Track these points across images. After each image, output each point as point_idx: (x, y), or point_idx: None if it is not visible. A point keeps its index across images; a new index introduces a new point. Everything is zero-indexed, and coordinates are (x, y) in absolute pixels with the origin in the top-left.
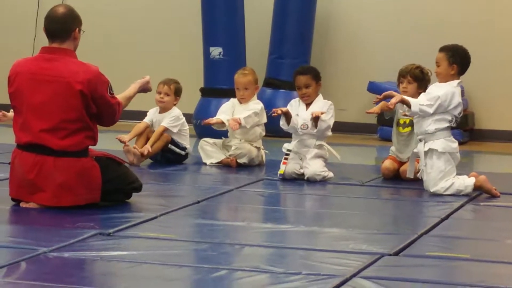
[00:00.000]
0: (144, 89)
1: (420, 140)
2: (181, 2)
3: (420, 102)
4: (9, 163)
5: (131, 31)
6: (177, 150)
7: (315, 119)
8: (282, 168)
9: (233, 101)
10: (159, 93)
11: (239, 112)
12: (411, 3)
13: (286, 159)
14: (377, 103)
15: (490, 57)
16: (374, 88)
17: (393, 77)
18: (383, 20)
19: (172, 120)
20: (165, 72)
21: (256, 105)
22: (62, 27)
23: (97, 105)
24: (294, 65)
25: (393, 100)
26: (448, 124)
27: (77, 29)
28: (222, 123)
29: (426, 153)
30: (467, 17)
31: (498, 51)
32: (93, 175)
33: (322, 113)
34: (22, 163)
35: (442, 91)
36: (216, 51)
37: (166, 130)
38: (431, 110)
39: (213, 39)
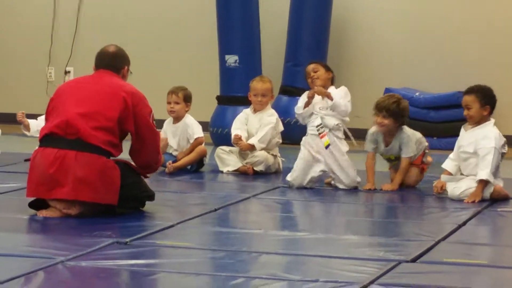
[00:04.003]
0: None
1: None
2: (196, 10)
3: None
4: (28, 160)
5: (146, 40)
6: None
7: (328, 96)
8: (326, 139)
9: (246, 112)
10: (169, 103)
11: (253, 124)
12: (427, 10)
13: (321, 132)
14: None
15: None
16: None
17: (410, 84)
18: (399, 27)
19: (198, 126)
20: (181, 81)
21: (270, 117)
22: (112, 64)
23: (139, 126)
24: None
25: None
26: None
27: (126, 67)
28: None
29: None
30: (485, 25)
31: None
32: (113, 175)
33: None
34: (44, 158)
35: (492, 142)
36: (232, 59)
37: (203, 141)
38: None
39: (229, 47)
